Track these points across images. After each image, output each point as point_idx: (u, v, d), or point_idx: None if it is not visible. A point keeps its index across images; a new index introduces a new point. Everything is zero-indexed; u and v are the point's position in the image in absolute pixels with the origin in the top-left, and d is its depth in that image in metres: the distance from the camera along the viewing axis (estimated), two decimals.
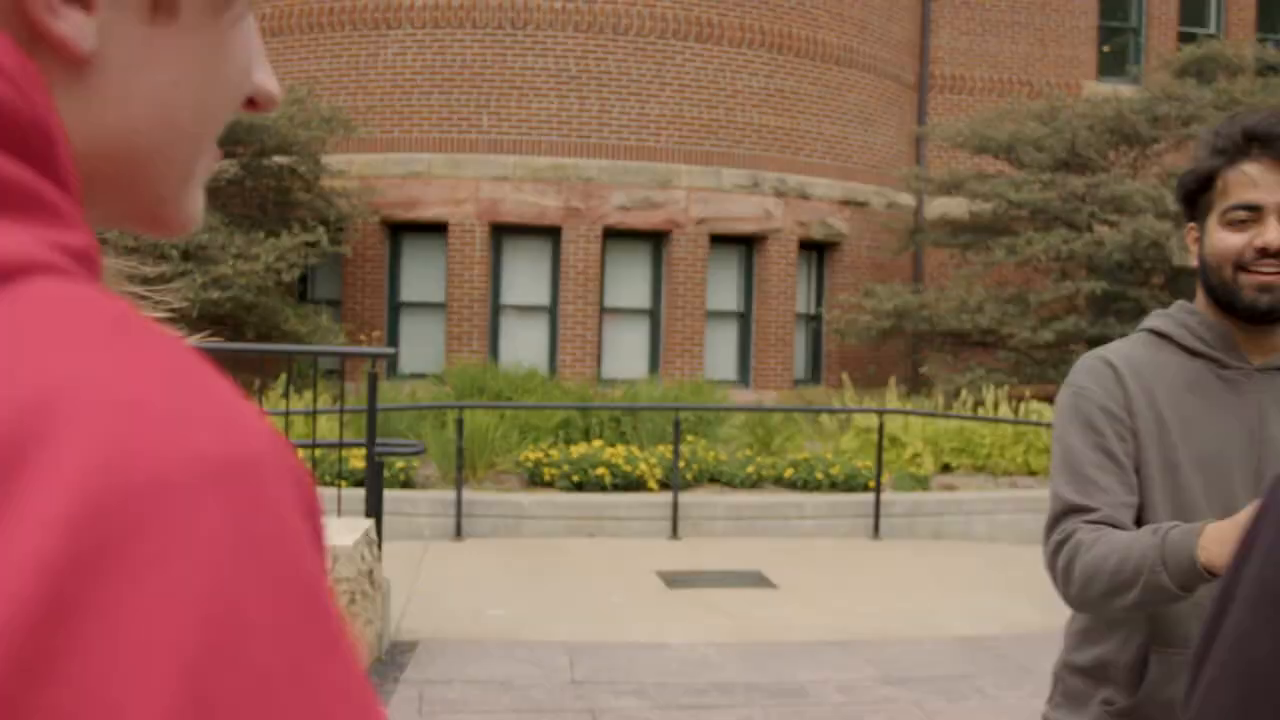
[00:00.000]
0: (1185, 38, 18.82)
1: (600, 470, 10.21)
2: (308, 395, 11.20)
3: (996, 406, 12.60)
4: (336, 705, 0.40)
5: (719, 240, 15.38)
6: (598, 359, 14.79)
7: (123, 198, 0.55)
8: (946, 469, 11.67)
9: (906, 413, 11.19)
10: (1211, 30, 19.27)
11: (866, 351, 16.07)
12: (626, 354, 15.08)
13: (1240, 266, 1.91)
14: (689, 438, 11.25)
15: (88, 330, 0.42)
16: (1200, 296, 2.03)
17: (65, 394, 0.39)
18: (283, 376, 10.78)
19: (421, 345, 14.80)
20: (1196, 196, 1.99)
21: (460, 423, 9.69)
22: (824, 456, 10.90)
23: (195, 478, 0.39)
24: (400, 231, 15.01)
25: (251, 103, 0.60)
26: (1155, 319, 2.08)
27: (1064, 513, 1.96)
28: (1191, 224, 2.01)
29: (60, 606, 0.36)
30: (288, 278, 12.53)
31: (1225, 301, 1.95)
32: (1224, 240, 1.92)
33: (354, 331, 14.41)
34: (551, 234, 14.83)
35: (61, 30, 0.49)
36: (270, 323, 12.71)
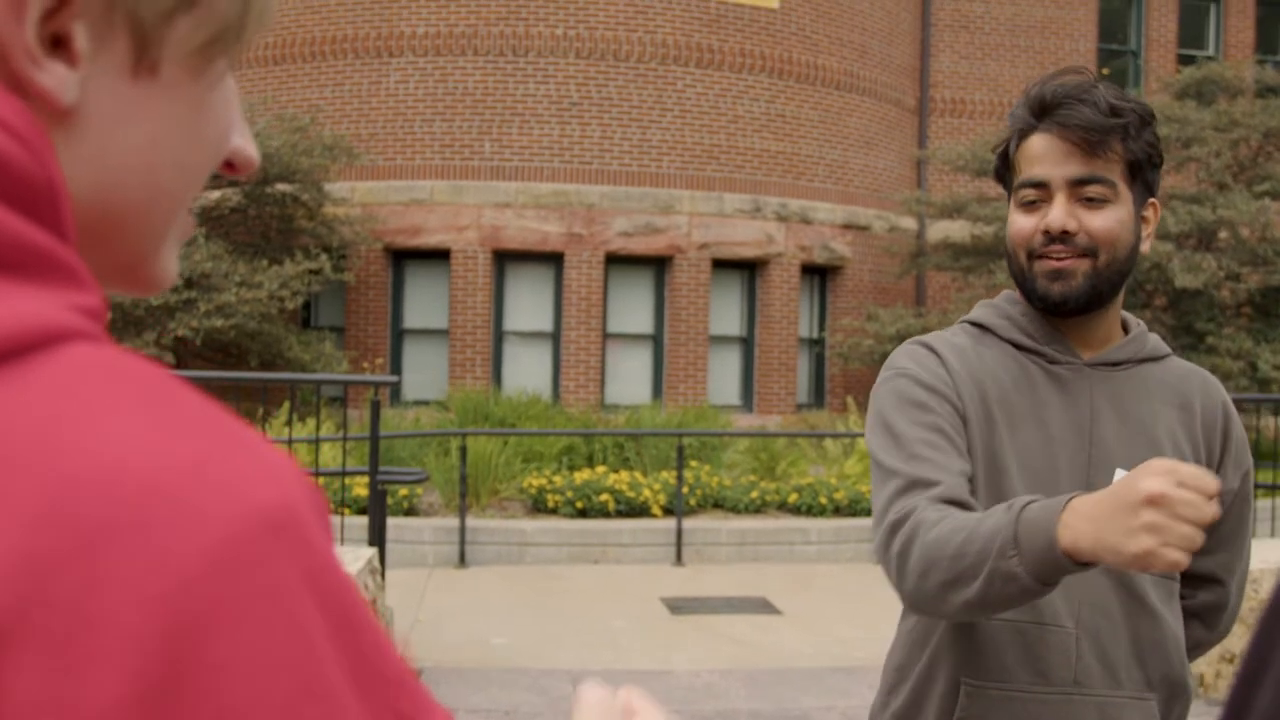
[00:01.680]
0: (1184, 60, 18.88)
1: (604, 496, 10.19)
2: (311, 423, 11.20)
3: None
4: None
5: (721, 265, 15.40)
6: (601, 384, 14.78)
7: (99, 253, 0.55)
8: None
9: None
10: (1210, 52, 19.34)
11: (870, 375, 16.04)
12: (629, 379, 15.08)
13: (1032, 254, 1.70)
14: (692, 463, 11.24)
15: (126, 399, 0.44)
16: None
17: (123, 469, 0.41)
18: (286, 404, 10.78)
19: (425, 372, 14.80)
20: (1004, 174, 1.79)
21: (463, 450, 9.68)
22: (828, 481, 10.88)
23: (262, 533, 0.42)
24: (403, 258, 15.04)
25: (230, 165, 0.61)
26: (976, 309, 1.86)
27: (901, 490, 1.62)
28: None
29: (171, 680, 0.40)
30: (291, 305, 12.55)
31: (1025, 292, 1.75)
32: (1016, 223, 1.72)
33: (357, 358, 14.42)
34: (554, 260, 14.86)
35: (44, 82, 0.49)
36: (274, 350, 12.72)
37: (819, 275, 16.40)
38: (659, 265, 15.20)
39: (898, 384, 1.73)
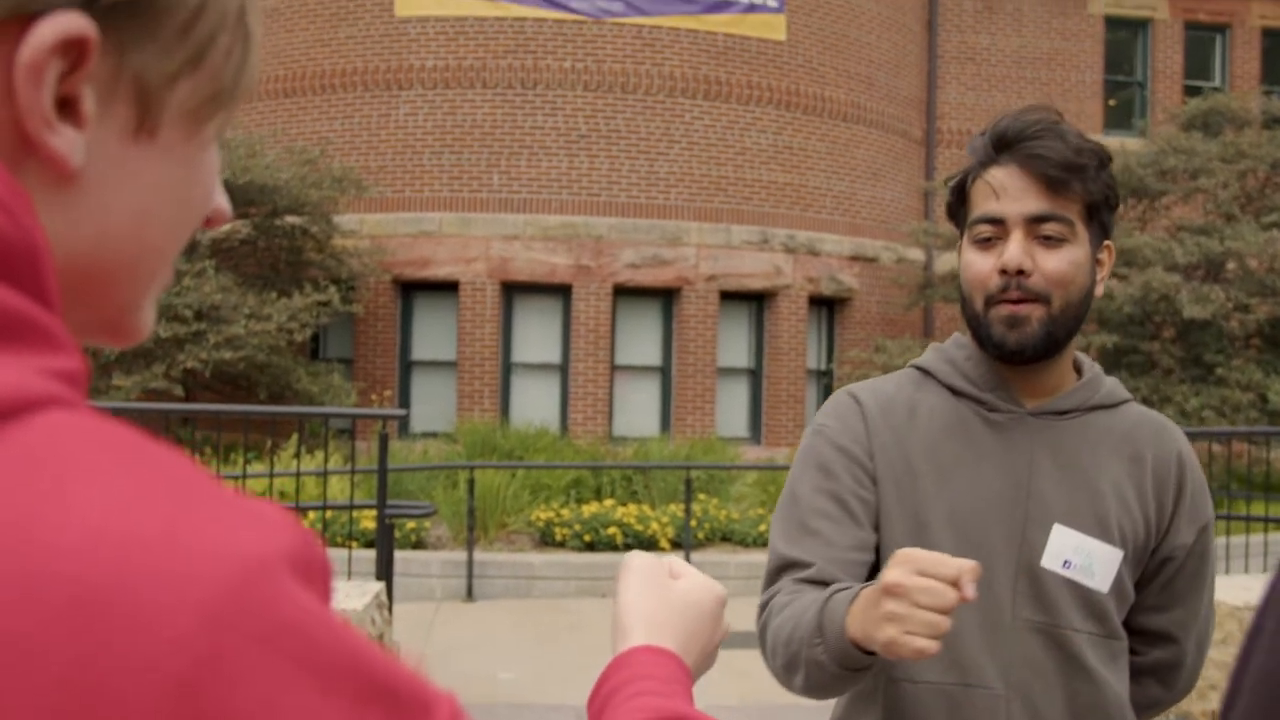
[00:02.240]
0: (1191, 91, 18.92)
1: (612, 530, 10.17)
2: (319, 455, 11.20)
3: None
4: None
5: (729, 297, 15.41)
6: (609, 416, 14.77)
7: (87, 308, 0.56)
8: None
9: None
10: (1216, 83, 19.39)
11: None
12: (637, 411, 15.06)
13: (990, 299, 1.62)
14: (701, 496, 11.21)
15: (101, 465, 0.44)
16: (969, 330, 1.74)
17: (102, 536, 0.42)
18: (294, 437, 10.77)
19: (433, 403, 14.80)
20: (957, 210, 1.72)
21: (471, 483, 9.67)
22: None
23: (247, 583, 0.43)
24: (411, 290, 15.08)
25: (206, 220, 0.62)
26: (925, 353, 1.80)
27: (775, 570, 1.67)
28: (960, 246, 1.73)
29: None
30: (300, 337, 12.58)
31: (978, 339, 1.67)
32: (971, 264, 1.64)
33: (366, 390, 14.43)
34: (562, 292, 14.88)
35: (56, 146, 0.50)
36: (282, 382, 12.73)
37: (827, 307, 16.40)
38: (667, 297, 15.21)
39: (813, 442, 1.71)
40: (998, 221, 1.62)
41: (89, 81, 0.51)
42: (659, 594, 0.97)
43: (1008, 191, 1.61)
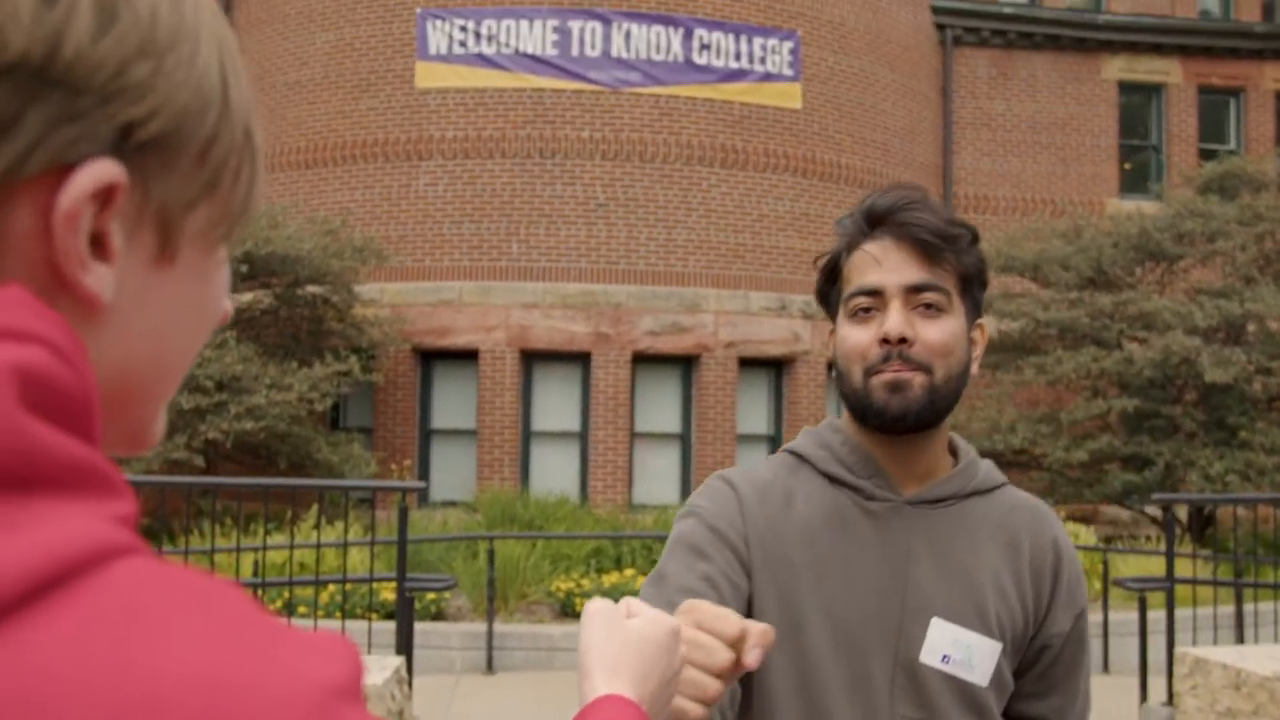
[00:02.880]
0: (1206, 154, 18.99)
1: None
2: (339, 525, 11.19)
3: None
4: None
5: (748, 363, 15.42)
6: (629, 484, 14.74)
7: (109, 426, 0.58)
8: None
9: None
10: (1232, 146, 19.45)
11: None
12: (657, 479, 15.03)
13: (869, 370, 1.58)
14: None
15: (184, 612, 0.47)
16: (845, 410, 1.67)
17: (200, 680, 0.45)
18: (315, 507, 10.78)
19: (453, 472, 14.80)
20: (828, 291, 1.69)
21: (491, 553, 9.64)
22: None
23: (334, 703, 0.48)
24: (431, 359, 15.14)
25: None
26: (799, 436, 1.73)
27: None
28: (833, 328, 1.68)
29: None
30: (320, 407, 12.62)
31: (859, 412, 1.61)
32: (849, 337, 1.60)
33: (386, 459, 14.44)
34: (581, 359, 14.92)
35: (89, 285, 0.53)
36: (303, 452, 12.76)
37: None
38: (686, 364, 15.24)
39: (685, 524, 1.63)
40: (876, 293, 1.59)
41: (117, 218, 0.54)
42: (617, 635, 1.03)
43: (885, 262, 1.59)
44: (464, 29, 15.16)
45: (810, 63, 15.96)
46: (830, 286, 1.68)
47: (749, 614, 1.57)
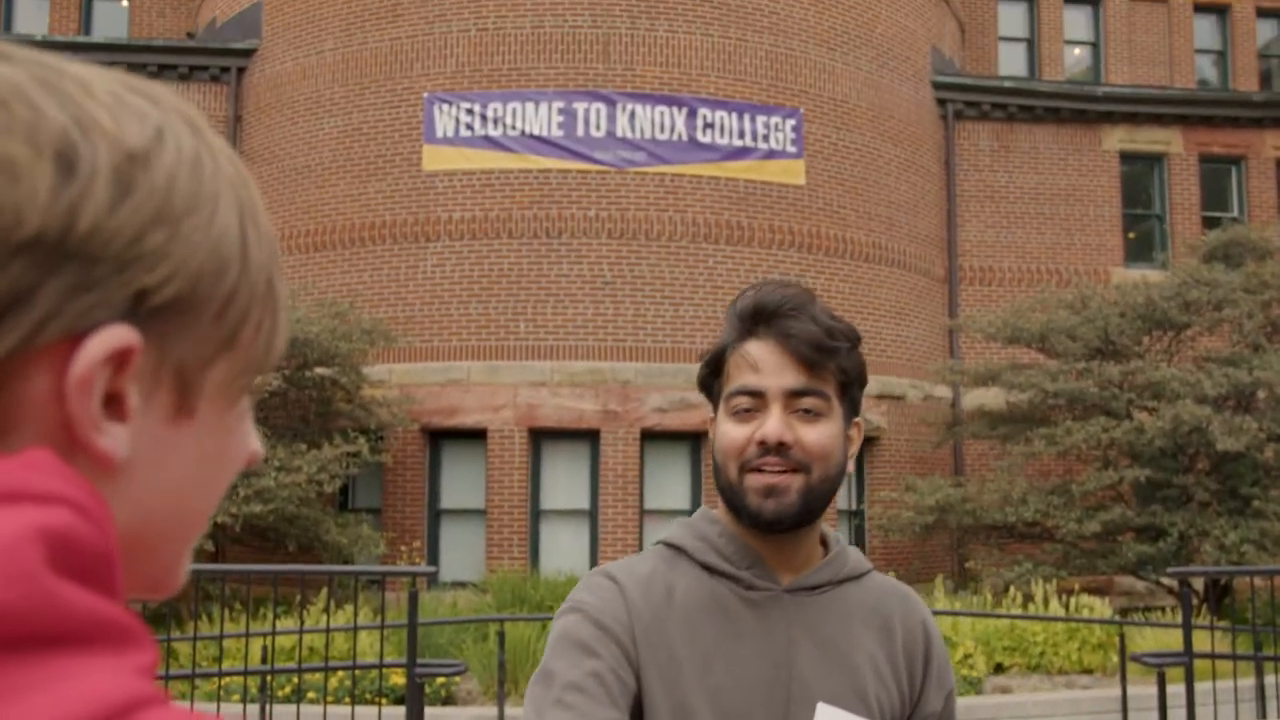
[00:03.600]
0: (1209, 222, 19.08)
1: None
2: (349, 609, 11.13)
3: (1046, 602, 12.34)
4: None
5: None
6: None
7: (132, 573, 0.58)
8: (999, 669, 11.37)
9: (955, 614, 10.97)
10: (1235, 214, 19.54)
11: (911, 547, 15.85)
12: None
13: (745, 466, 1.61)
14: None
15: None
16: (721, 502, 1.70)
17: None
18: (324, 591, 10.73)
19: (462, 552, 14.74)
20: (710, 382, 1.72)
21: (501, 635, 9.56)
22: None
23: None
24: (440, 439, 15.14)
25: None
26: (674, 528, 1.75)
27: None
28: (713, 417, 1.71)
29: None
30: (329, 488, 12.61)
31: (734, 508, 1.64)
32: (727, 434, 1.63)
33: (394, 540, 14.39)
34: (590, 437, 14.91)
35: (104, 446, 0.54)
36: (311, 534, 12.73)
37: None
38: (695, 440, 15.21)
39: (568, 620, 1.63)
40: (757, 394, 1.62)
41: (133, 378, 0.54)
42: None
43: (766, 365, 1.62)
44: (470, 112, 15.36)
45: (813, 139, 16.12)
46: (714, 378, 1.70)
47: (638, 710, 1.57)
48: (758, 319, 1.64)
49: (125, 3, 20.44)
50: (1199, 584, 13.84)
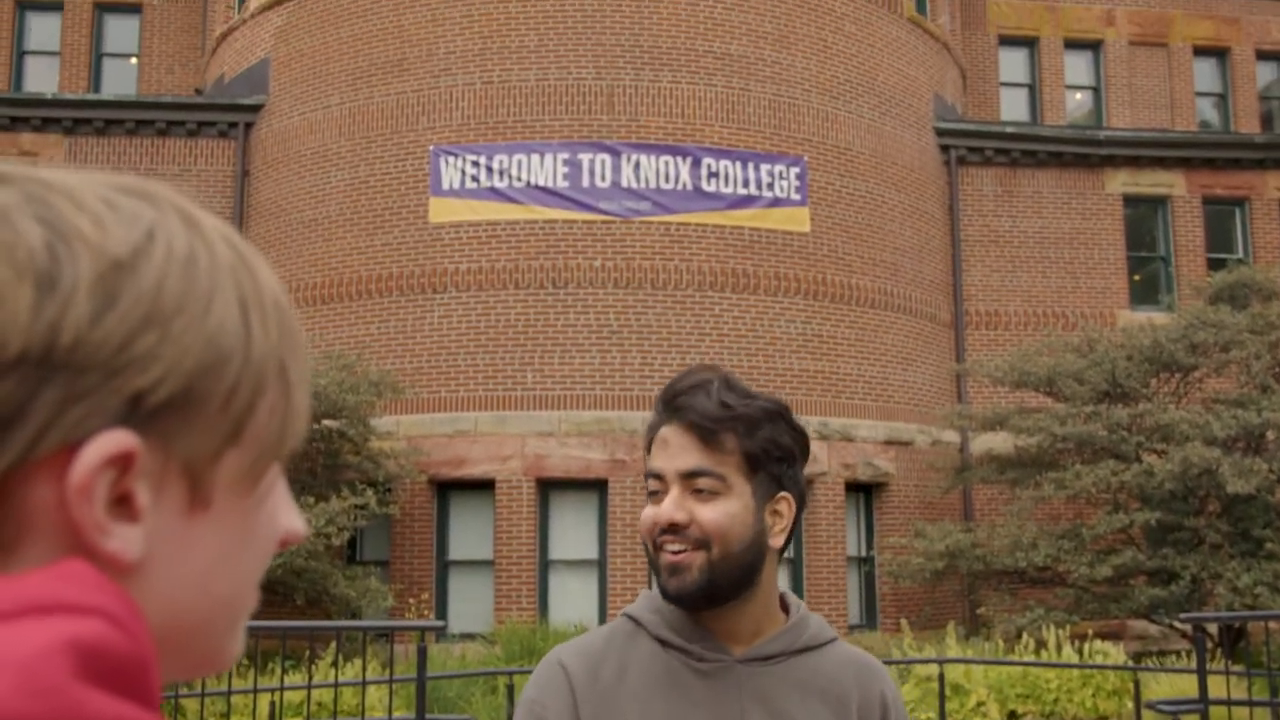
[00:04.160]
0: (1214, 264, 19.09)
1: None
2: (358, 662, 11.07)
3: (1059, 648, 12.24)
4: None
5: None
6: None
7: (173, 661, 0.59)
8: (1013, 716, 11.26)
9: (967, 661, 10.89)
10: (1240, 255, 19.56)
11: (922, 593, 15.76)
12: None
13: (656, 545, 1.67)
14: None
15: None
16: None
17: None
18: (332, 645, 10.69)
19: (470, 603, 14.68)
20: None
21: (510, 688, 9.50)
22: None
23: None
24: (447, 490, 15.12)
25: (281, 542, 0.65)
26: (637, 600, 1.79)
27: None
28: None
29: None
30: (337, 541, 12.59)
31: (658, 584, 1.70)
32: (643, 515, 1.69)
33: (403, 592, 14.34)
34: (598, 487, 14.88)
35: (112, 548, 0.54)
36: (320, 587, 12.69)
37: (864, 492, 16.30)
38: None
39: (518, 714, 1.71)
40: (659, 476, 1.68)
41: (140, 478, 0.55)
42: None
43: (668, 447, 1.67)
44: (476, 164, 15.48)
45: (817, 187, 16.20)
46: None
47: None
48: (665, 403, 1.70)
49: (134, 60, 20.67)
50: (1213, 628, 13.73)
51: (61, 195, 0.56)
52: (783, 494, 1.72)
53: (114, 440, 0.54)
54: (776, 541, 1.70)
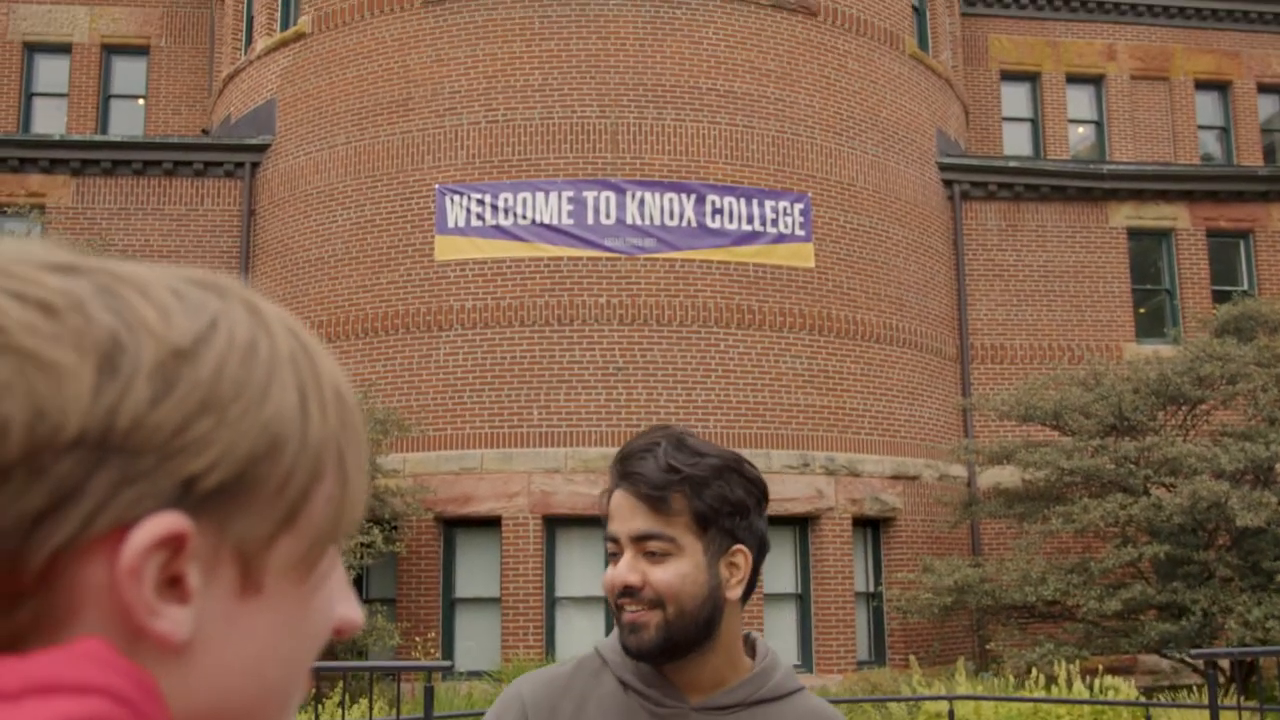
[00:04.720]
0: (1219, 296, 19.09)
1: None
2: (364, 702, 11.02)
3: (1070, 683, 12.15)
4: None
5: (772, 521, 15.10)
6: None
7: None
8: None
9: (977, 698, 10.83)
10: (1245, 287, 19.57)
11: (930, 628, 15.68)
12: None
13: (616, 605, 1.72)
14: None
15: None
16: None
17: None
18: (339, 685, 10.64)
19: (477, 641, 14.62)
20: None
21: None
22: None
23: None
24: (454, 527, 15.10)
25: (336, 631, 0.64)
26: (610, 636, 1.83)
27: None
28: None
29: None
30: None
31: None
32: (605, 576, 1.74)
33: (409, 630, 14.29)
34: (604, 523, 14.81)
35: (161, 628, 0.54)
36: None
37: (871, 527, 16.25)
38: None
39: None
40: (614, 540, 1.72)
41: (192, 560, 0.55)
42: None
43: (621, 512, 1.71)
44: (481, 202, 15.55)
45: (821, 222, 16.25)
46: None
47: None
48: (618, 468, 1.73)
49: (141, 101, 20.82)
50: (1225, 663, 13.64)
51: (130, 286, 0.57)
52: (737, 546, 1.74)
53: (165, 522, 0.54)
54: (734, 593, 1.72)
